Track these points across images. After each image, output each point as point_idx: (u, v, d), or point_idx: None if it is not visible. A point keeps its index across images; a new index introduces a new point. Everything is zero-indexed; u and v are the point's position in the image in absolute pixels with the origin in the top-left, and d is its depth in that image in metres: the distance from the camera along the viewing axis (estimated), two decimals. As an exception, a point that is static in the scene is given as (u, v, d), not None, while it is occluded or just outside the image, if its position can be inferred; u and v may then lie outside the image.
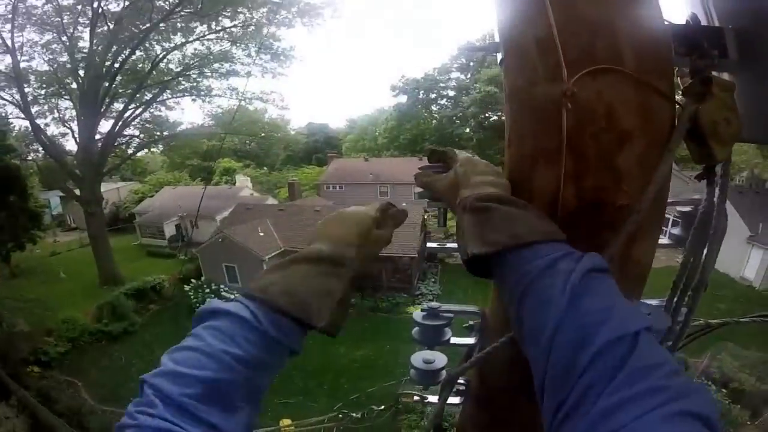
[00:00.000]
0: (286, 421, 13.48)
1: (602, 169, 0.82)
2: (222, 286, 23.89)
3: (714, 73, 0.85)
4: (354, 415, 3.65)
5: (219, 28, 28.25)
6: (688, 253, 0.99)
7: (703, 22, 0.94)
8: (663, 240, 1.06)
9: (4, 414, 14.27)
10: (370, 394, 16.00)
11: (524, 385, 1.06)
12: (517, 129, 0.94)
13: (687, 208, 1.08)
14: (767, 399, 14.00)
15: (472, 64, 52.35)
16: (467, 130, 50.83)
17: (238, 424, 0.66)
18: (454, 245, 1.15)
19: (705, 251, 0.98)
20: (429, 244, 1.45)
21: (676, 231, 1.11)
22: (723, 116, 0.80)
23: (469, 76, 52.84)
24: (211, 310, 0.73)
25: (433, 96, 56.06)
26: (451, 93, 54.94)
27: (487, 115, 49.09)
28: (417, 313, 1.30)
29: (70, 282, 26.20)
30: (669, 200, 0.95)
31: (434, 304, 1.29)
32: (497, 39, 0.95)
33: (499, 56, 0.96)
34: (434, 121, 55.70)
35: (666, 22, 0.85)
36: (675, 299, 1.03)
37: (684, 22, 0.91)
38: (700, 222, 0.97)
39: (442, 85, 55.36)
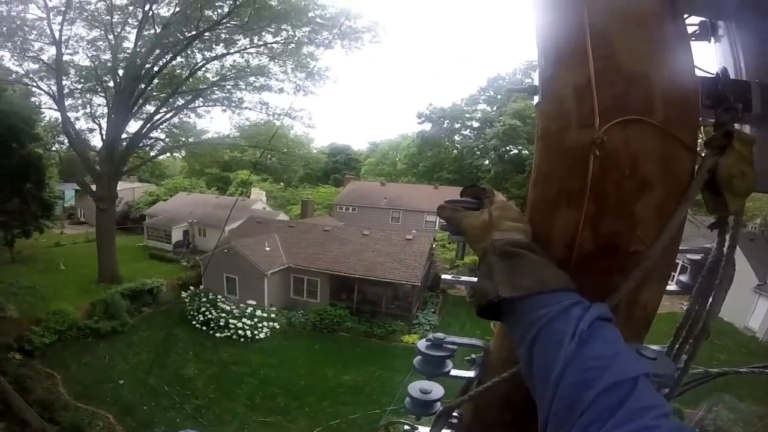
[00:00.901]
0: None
1: (620, 215, 0.84)
2: (219, 297, 23.57)
3: (735, 125, 0.85)
4: None
5: (261, 42, 28.88)
6: (693, 300, 1.00)
7: (732, 75, 0.95)
8: (671, 286, 1.05)
9: (-25, 397, 14.10)
10: (352, 421, 15.62)
11: (516, 422, 1.12)
12: (544, 170, 0.95)
13: (697, 256, 1.08)
14: (760, 455, 13.90)
15: (500, 97, 52.73)
16: (486, 162, 51.07)
17: None
18: (469, 279, 1.29)
19: (710, 299, 0.98)
20: (444, 276, 1.48)
21: (683, 278, 1.11)
22: (740, 169, 0.80)
23: (495, 108, 53.17)
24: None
25: (457, 126, 56.55)
26: (476, 124, 55.42)
27: (508, 148, 49.21)
28: (421, 343, 1.29)
29: (68, 274, 26.24)
30: (680, 248, 0.96)
31: (439, 334, 1.28)
32: (535, 82, 0.96)
33: (536, 99, 0.96)
34: (455, 151, 55.94)
35: (697, 73, 0.87)
36: (677, 346, 1.03)
37: (714, 75, 0.93)
38: (709, 270, 0.97)
39: (467, 115, 55.83)
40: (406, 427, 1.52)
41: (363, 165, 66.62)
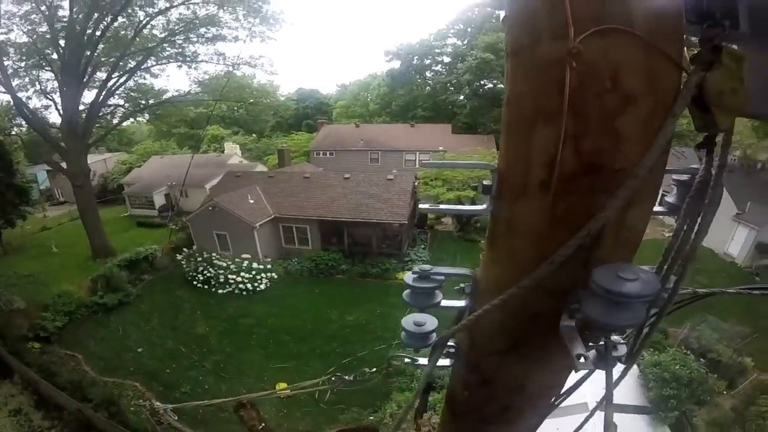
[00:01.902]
0: (282, 385, 14.04)
1: (603, 131, 0.82)
2: (214, 254, 24.20)
3: (724, 43, 0.84)
4: (347, 377, 3.80)
5: None
6: (681, 221, 1.00)
7: None
8: (657, 207, 1.06)
9: (9, 392, 14.82)
10: (362, 358, 16.62)
11: (512, 349, 1.18)
12: (516, 88, 0.94)
13: (684, 177, 1.07)
14: (743, 371, 14.81)
15: (469, 30, 51.19)
16: (461, 97, 50.35)
17: None
18: (447, 207, 1.38)
19: (699, 220, 0.97)
20: (421, 206, 1.42)
21: (671, 199, 1.10)
22: (730, 86, 0.80)
23: (465, 42, 51.84)
24: None
25: (427, 62, 55.22)
26: (447, 59, 54.12)
27: (482, 82, 48.46)
28: (408, 276, 1.29)
29: (62, 256, 26.32)
30: (668, 168, 0.96)
31: (425, 266, 1.28)
32: None
33: (503, 13, 0.95)
34: (428, 88, 54.91)
35: None
36: (666, 266, 1.03)
37: None
38: (696, 191, 0.96)
39: (437, 51, 54.41)
40: (407, 360, 1.58)
41: (334, 108, 65.33)
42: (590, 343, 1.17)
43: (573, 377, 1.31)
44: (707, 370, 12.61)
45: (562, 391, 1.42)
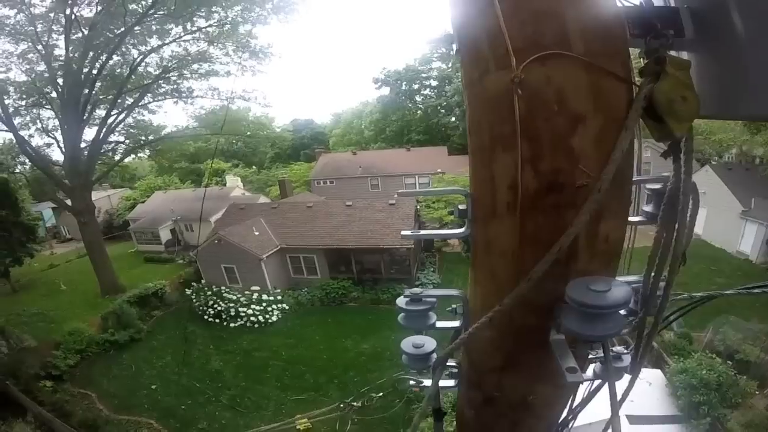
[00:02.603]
0: (303, 421, 13.89)
1: (557, 152, 0.85)
2: (223, 288, 24.09)
3: (673, 52, 0.88)
4: (355, 404, 3.76)
5: (194, 28, 27.92)
6: (659, 228, 1.01)
7: (659, 3, 0.96)
8: (637, 218, 1.09)
9: (23, 431, 14.48)
10: (380, 386, 16.27)
11: (507, 366, 1.18)
12: (475, 117, 0.98)
13: (657, 185, 1.08)
14: (774, 368, 14.26)
15: (452, 53, 52.06)
16: (452, 119, 50.85)
17: None
18: (429, 232, 1.47)
19: (676, 226, 0.98)
20: (403, 232, 1.40)
21: (648, 208, 1.11)
22: (679, 94, 0.81)
23: (449, 65, 52.83)
24: None
25: (416, 87, 56.12)
26: (434, 83, 55.02)
27: None
28: (400, 299, 1.30)
29: (71, 293, 26.20)
30: (639, 178, 1.01)
31: (416, 289, 1.30)
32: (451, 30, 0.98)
33: (455, 47, 0.99)
34: (419, 112, 55.69)
35: (620, 4, 0.88)
36: (652, 274, 1.04)
37: (638, 4, 0.92)
38: (669, 198, 0.98)
39: (424, 75, 55.33)
40: (412, 382, 1.60)
41: (331, 137, 65.94)
42: (591, 356, 1.22)
43: (588, 390, 1.37)
44: (736, 372, 12.25)
45: (575, 406, 1.43)
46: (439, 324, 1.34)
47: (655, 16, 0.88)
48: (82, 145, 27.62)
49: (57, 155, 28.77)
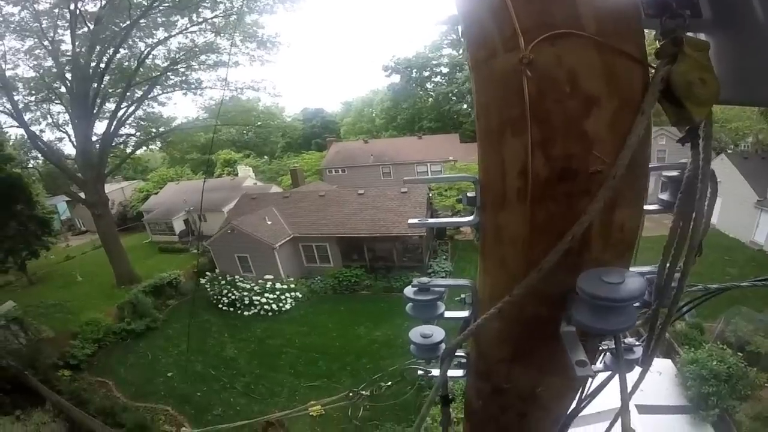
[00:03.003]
0: (316, 407, 13.91)
1: (569, 136, 0.81)
2: (237, 277, 24.26)
3: (689, 33, 0.83)
4: (364, 392, 3.73)
5: (200, 19, 27.91)
6: (676, 217, 0.97)
7: None
8: (652, 206, 1.04)
9: (41, 420, 14.74)
10: (392, 373, 16.44)
11: (515, 357, 1.17)
12: (482, 100, 0.95)
13: (674, 173, 1.02)
14: (785, 361, 14.05)
15: (462, 39, 51.61)
16: (464, 106, 50.26)
17: None
18: (437, 220, 1.39)
19: (693, 216, 0.94)
20: (411, 220, 1.40)
21: (664, 196, 1.06)
22: (698, 76, 0.77)
23: (460, 51, 52.16)
24: None
25: (426, 74, 55.37)
26: (445, 69, 54.22)
27: None
28: (408, 289, 1.28)
29: (87, 284, 26.64)
30: (655, 165, 0.96)
31: (424, 279, 1.28)
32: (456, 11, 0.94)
33: (460, 29, 0.97)
34: (430, 99, 54.93)
35: None
36: (667, 265, 1.01)
37: None
38: (686, 186, 0.94)
39: (434, 62, 54.53)
40: (420, 372, 1.57)
41: (341, 126, 65.79)
42: (602, 348, 1.19)
43: (598, 382, 1.31)
44: (746, 364, 12.09)
45: (584, 396, 1.38)
46: (448, 314, 1.31)
47: None
48: (94, 138, 27.88)
49: (69, 149, 29.42)
